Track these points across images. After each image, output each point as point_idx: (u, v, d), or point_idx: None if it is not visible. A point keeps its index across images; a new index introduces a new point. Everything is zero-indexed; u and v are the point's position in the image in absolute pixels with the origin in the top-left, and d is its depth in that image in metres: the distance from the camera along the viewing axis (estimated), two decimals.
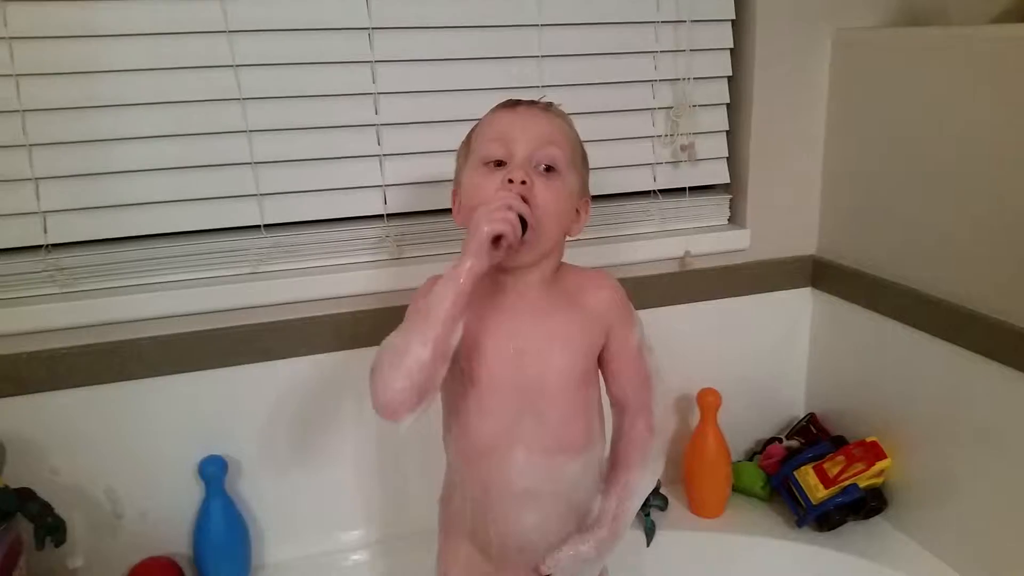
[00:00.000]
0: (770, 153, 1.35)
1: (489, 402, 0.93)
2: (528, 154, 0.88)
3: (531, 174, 0.87)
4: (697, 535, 1.32)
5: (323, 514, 1.27)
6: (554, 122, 0.92)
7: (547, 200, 0.88)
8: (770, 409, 1.47)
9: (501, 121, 0.92)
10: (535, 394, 0.92)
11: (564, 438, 0.94)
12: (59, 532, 1.06)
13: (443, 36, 1.19)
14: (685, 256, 1.34)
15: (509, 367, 0.92)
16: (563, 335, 0.94)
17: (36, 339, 1.09)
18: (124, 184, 1.11)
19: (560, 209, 0.90)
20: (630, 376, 0.99)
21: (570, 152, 0.92)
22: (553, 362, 0.93)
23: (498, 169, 0.89)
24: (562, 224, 0.92)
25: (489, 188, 0.87)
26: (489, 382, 0.93)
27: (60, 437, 1.12)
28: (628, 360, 0.98)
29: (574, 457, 0.95)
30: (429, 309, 0.84)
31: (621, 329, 0.97)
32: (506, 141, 0.89)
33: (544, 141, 0.89)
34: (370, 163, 1.20)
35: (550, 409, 0.93)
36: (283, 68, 1.13)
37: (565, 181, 0.90)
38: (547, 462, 0.93)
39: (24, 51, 1.03)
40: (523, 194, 0.86)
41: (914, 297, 1.22)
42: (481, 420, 0.94)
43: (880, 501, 1.29)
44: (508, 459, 0.93)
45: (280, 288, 1.17)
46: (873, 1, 1.33)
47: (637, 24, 1.27)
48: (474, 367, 0.93)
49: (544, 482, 0.93)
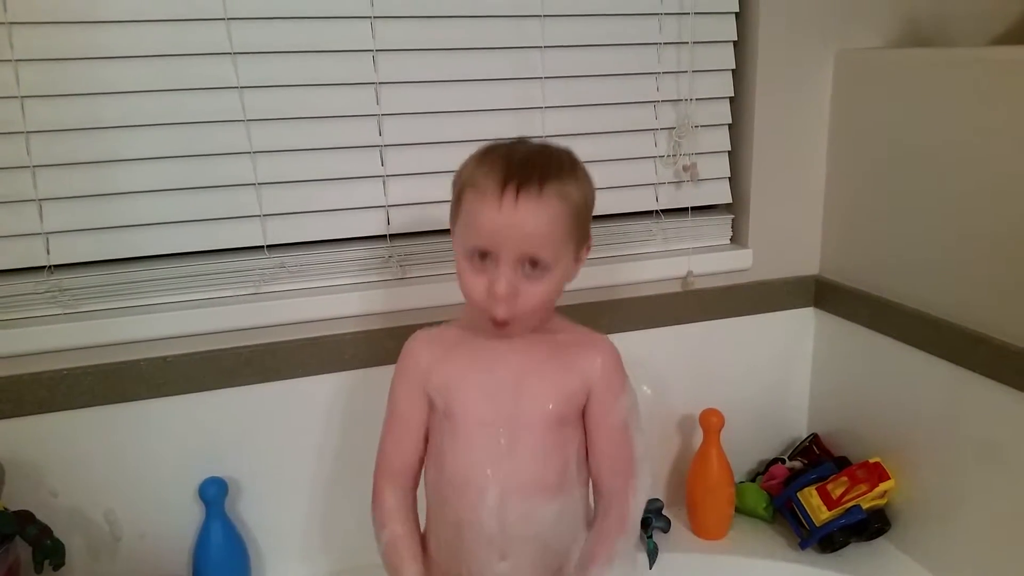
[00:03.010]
0: (772, 173, 1.35)
1: (464, 435, 0.93)
2: (512, 260, 0.86)
3: (515, 281, 0.86)
4: (700, 557, 1.32)
5: (323, 536, 1.26)
6: (542, 216, 0.85)
7: (529, 298, 0.87)
8: (773, 429, 1.47)
9: (485, 221, 0.86)
10: (510, 427, 0.93)
11: (539, 476, 0.93)
12: (58, 555, 1.05)
13: (446, 58, 1.19)
14: (687, 276, 1.34)
15: (485, 401, 0.93)
16: (541, 371, 0.94)
17: (38, 360, 1.09)
18: (127, 205, 1.11)
19: (544, 302, 0.89)
20: (608, 453, 0.96)
21: (561, 239, 0.88)
22: (529, 395, 0.93)
23: (483, 263, 0.87)
24: (549, 305, 0.92)
25: (477, 289, 0.88)
26: (464, 416, 0.94)
27: (60, 459, 1.12)
28: (608, 433, 0.95)
29: (550, 499, 0.93)
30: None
31: (604, 394, 0.95)
32: (492, 242, 0.86)
33: (530, 243, 0.85)
34: (373, 184, 1.20)
35: (525, 443, 0.92)
36: (287, 89, 1.14)
37: (553, 274, 0.88)
38: (522, 503, 0.92)
39: (29, 72, 1.04)
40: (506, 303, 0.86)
41: (917, 318, 1.22)
42: (456, 454, 0.94)
43: (883, 522, 1.28)
44: (482, 498, 0.92)
45: (283, 308, 1.17)
46: (875, 22, 1.34)
47: (640, 45, 1.28)
48: (451, 403, 0.95)
49: (519, 524, 0.92)
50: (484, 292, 0.88)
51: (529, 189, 0.85)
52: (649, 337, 1.34)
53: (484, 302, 0.88)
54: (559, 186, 0.87)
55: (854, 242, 1.35)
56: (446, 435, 0.95)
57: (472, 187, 0.88)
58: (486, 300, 0.88)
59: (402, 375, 1.00)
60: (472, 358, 0.96)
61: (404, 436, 0.99)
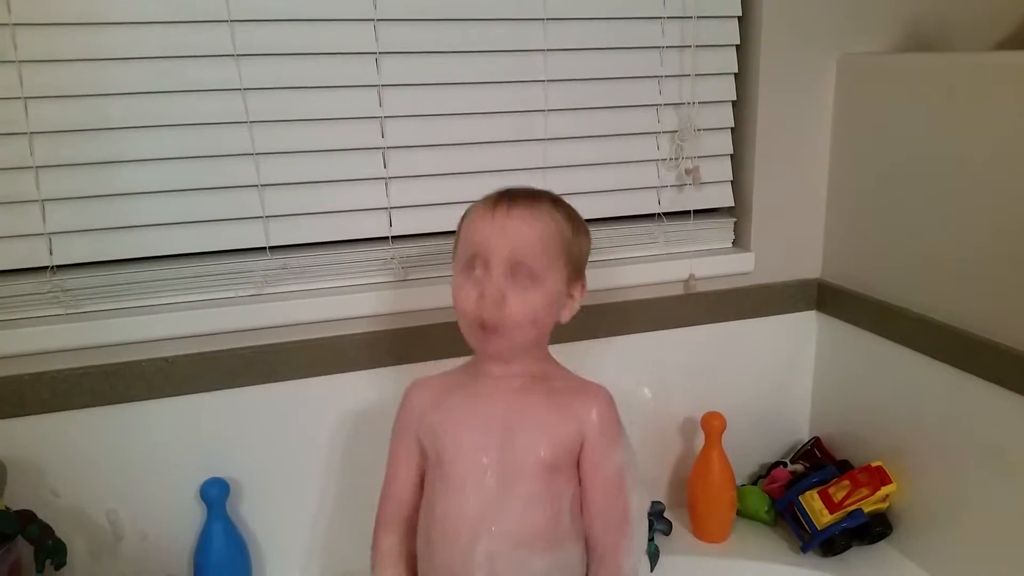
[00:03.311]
0: (774, 177, 1.35)
1: (454, 482, 0.93)
2: (502, 267, 0.89)
3: (503, 287, 0.89)
4: (701, 560, 1.31)
5: (325, 538, 1.26)
6: (532, 228, 0.90)
7: (515, 308, 0.89)
8: (775, 433, 1.47)
9: (478, 230, 0.91)
10: (500, 477, 0.91)
11: (529, 527, 0.91)
12: (59, 555, 1.05)
13: (449, 60, 1.19)
14: (689, 279, 1.34)
15: (475, 446, 0.92)
16: (535, 417, 0.93)
17: (40, 360, 1.09)
18: (130, 206, 1.11)
19: (533, 314, 0.90)
20: (601, 506, 0.93)
21: (551, 254, 0.91)
22: (522, 441, 0.92)
23: (474, 275, 0.91)
24: (538, 325, 0.92)
25: (467, 300, 0.90)
26: (455, 462, 0.93)
27: (62, 459, 1.12)
28: (601, 485, 0.93)
29: (542, 552, 0.91)
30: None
31: (598, 444, 0.93)
32: (482, 252, 0.90)
33: (518, 254, 0.89)
34: (376, 186, 1.21)
35: (516, 491, 0.91)
36: (290, 91, 1.14)
37: (542, 287, 0.90)
38: (511, 555, 0.90)
39: (33, 73, 1.04)
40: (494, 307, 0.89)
41: (919, 322, 1.22)
42: (446, 500, 0.93)
43: (885, 526, 1.28)
44: (471, 549, 0.90)
45: (285, 310, 1.17)
46: (877, 26, 1.34)
47: (642, 49, 1.28)
48: (441, 448, 0.94)
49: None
50: (474, 301, 0.89)
51: (522, 202, 0.92)
52: (651, 340, 1.34)
53: (474, 311, 0.89)
54: (552, 210, 0.94)
55: (856, 246, 1.35)
56: (437, 482, 0.95)
57: (470, 211, 0.95)
58: (476, 308, 0.89)
59: (397, 422, 1.01)
60: (465, 404, 0.96)
61: (399, 483, 1.00)
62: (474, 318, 0.90)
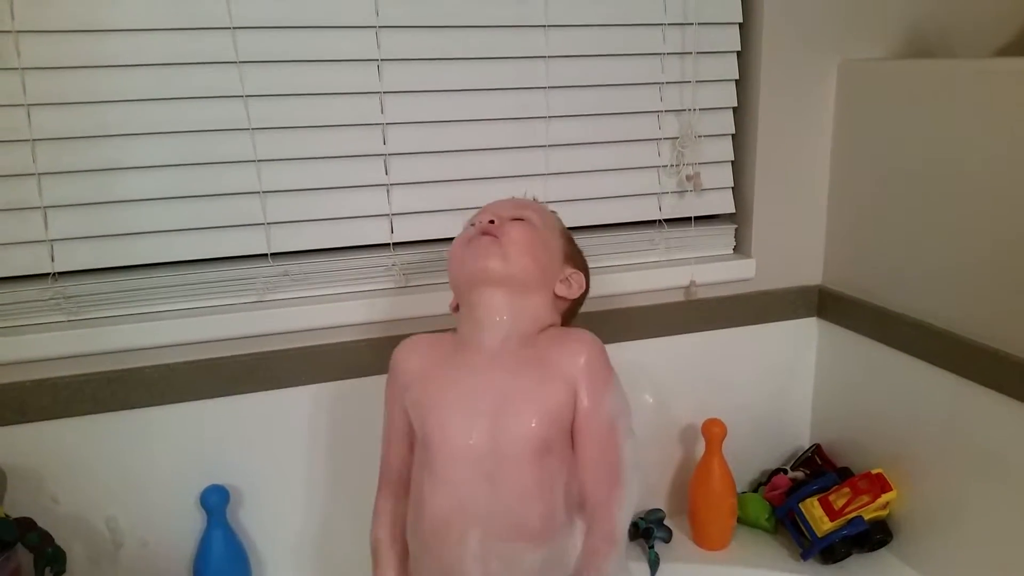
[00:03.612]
0: (775, 183, 1.36)
1: (443, 471, 0.90)
2: (500, 212, 0.97)
3: (502, 220, 0.96)
4: (702, 568, 1.31)
5: (325, 545, 1.26)
6: (535, 205, 1.02)
7: (515, 232, 0.94)
8: (775, 440, 1.47)
9: (487, 204, 1.02)
10: (490, 463, 0.88)
11: (522, 519, 0.88)
12: (59, 562, 1.05)
13: (451, 67, 1.19)
14: (690, 285, 1.34)
15: (463, 431, 0.89)
16: (523, 395, 0.89)
17: (41, 367, 1.09)
18: (132, 213, 1.11)
19: (530, 241, 0.95)
20: (592, 458, 0.91)
21: (547, 220, 1.00)
22: (509, 426, 0.88)
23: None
24: (538, 262, 0.95)
25: (461, 236, 0.97)
26: (442, 447, 0.90)
27: (61, 466, 1.12)
28: (592, 436, 0.90)
29: (534, 547, 0.89)
30: None
31: (588, 392, 0.90)
32: (485, 210, 0.99)
33: (518, 206, 0.99)
34: (377, 192, 1.21)
35: (505, 481, 0.88)
36: (292, 98, 1.14)
37: (536, 226, 0.97)
38: (504, 549, 0.88)
39: (35, 80, 1.04)
40: (491, 231, 0.94)
41: (920, 328, 1.22)
42: (435, 492, 0.90)
43: (885, 534, 1.28)
44: (464, 543, 0.88)
45: (286, 316, 1.17)
46: (878, 33, 1.34)
47: (643, 55, 1.28)
48: (428, 430, 0.91)
49: (501, 572, 0.89)
50: (469, 233, 0.96)
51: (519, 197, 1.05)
52: (651, 347, 1.34)
53: (468, 233, 0.96)
54: (549, 211, 1.04)
55: (857, 252, 1.35)
56: (425, 472, 0.92)
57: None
58: (470, 232, 0.96)
59: (387, 389, 1.02)
60: (450, 379, 0.93)
61: (392, 444, 1.01)
62: (466, 242, 0.95)
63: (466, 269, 0.94)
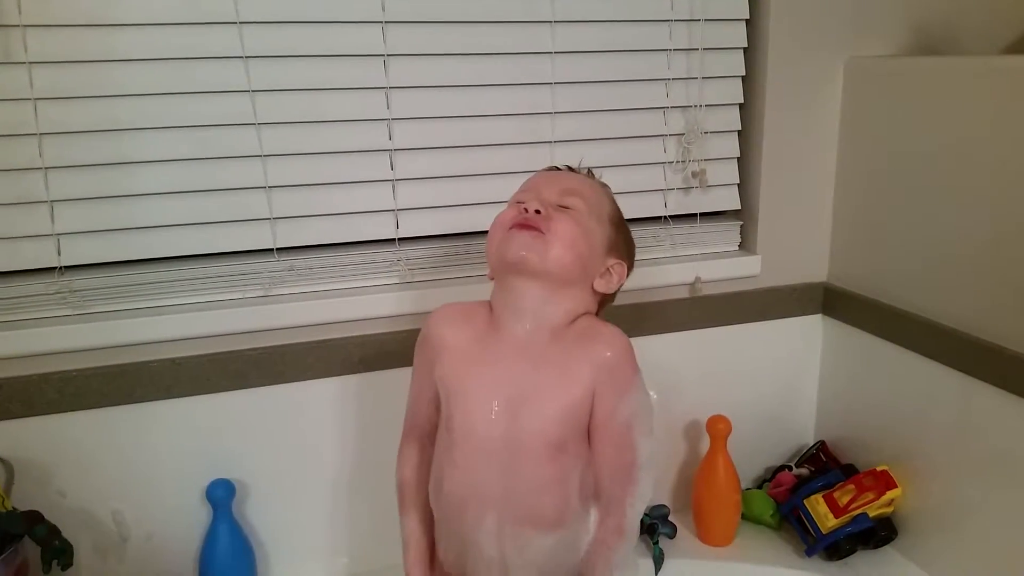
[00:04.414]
0: (781, 180, 1.35)
1: (462, 455, 0.92)
2: (549, 196, 0.93)
3: (548, 207, 0.91)
4: (706, 564, 1.31)
5: (330, 539, 1.27)
6: (585, 181, 0.98)
7: (559, 226, 0.90)
8: (780, 436, 1.47)
9: (536, 177, 0.99)
10: (508, 454, 0.90)
11: (535, 509, 0.91)
12: (66, 555, 1.05)
13: (457, 63, 1.19)
14: (696, 282, 1.34)
15: (485, 420, 0.91)
16: (543, 391, 0.90)
17: (47, 361, 1.09)
18: (138, 207, 1.12)
19: (574, 238, 0.91)
20: (609, 457, 0.92)
21: (595, 206, 0.95)
22: (528, 421, 0.90)
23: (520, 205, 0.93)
24: (580, 258, 0.92)
25: (507, 214, 0.93)
26: (464, 433, 0.92)
27: (68, 459, 1.12)
28: (610, 436, 0.91)
29: (546, 533, 0.91)
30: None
31: (608, 395, 0.90)
32: (533, 188, 0.95)
33: (567, 190, 0.94)
34: (383, 188, 1.21)
35: (521, 473, 0.90)
36: (298, 93, 1.14)
37: (583, 219, 0.93)
38: (517, 532, 0.91)
39: (42, 75, 1.04)
40: (535, 223, 0.90)
41: (926, 326, 1.22)
42: (454, 473, 0.93)
43: (890, 531, 1.28)
44: (480, 522, 0.91)
45: (291, 311, 1.17)
46: (885, 30, 1.34)
47: (650, 52, 1.28)
48: (453, 414, 0.93)
49: (514, 553, 0.92)
50: (513, 215, 0.92)
51: (578, 170, 1.02)
52: (656, 343, 1.34)
53: (512, 220, 0.91)
54: (605, 186, 1.01)
55: (863, 250, 1.34)
56: (445, 454, 0.94)
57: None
58: (515, 219, 0.90)
59: (420, 347, 1.00)
60: (480, 359, 0.93)
61: (419, 403, 1.01)
62: (512, 224, 0.91)
63: (504, 256, 0.91)
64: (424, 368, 0.99)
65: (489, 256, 0.95)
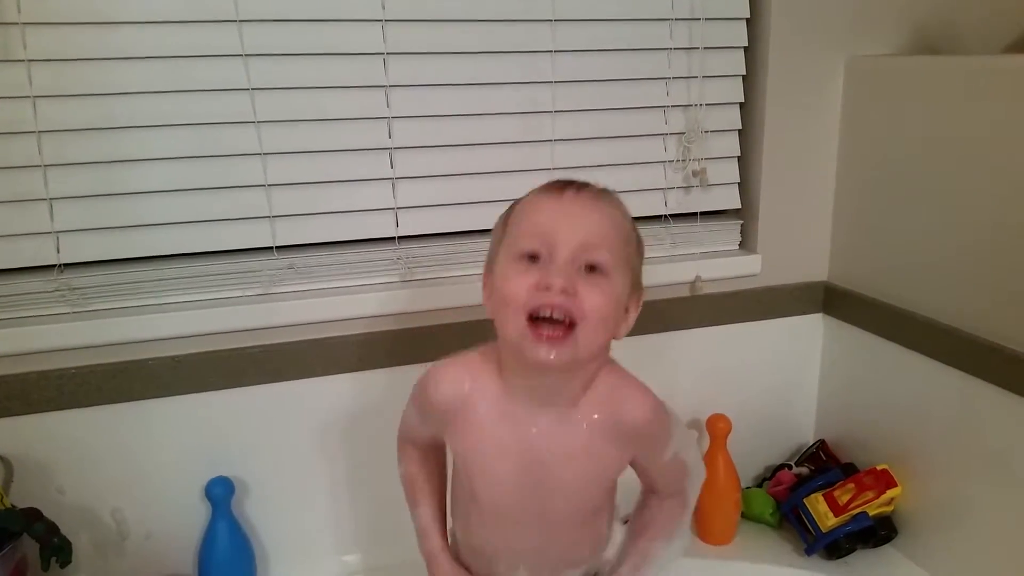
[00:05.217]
0: (782, 179, 1.35)
1: (491, 522, 0.90)
2: (571, 256, 0.77)
3: (574, 278, 0.76)
4: (706, 562, 1.31)
5: (329, 537, 1.27)
6: (605, 214, 0.80)
7: (595, 304, 0.76)
8: (780, 435, 1.47)
9: (543, 211, 0.80)
10: (541, 522, 0.87)
11: (571, 556, 0.92)
12: (65, 553, 1.05)
13: (457, 61, 1.19)
14: (696, 281, 1.34)
15: (511, 498, 0.86)
16: (573, 473, 0.85)
17: (46, 358, 1.09)
18: (138, 205, 1.11)
19: (605, 316, 0.78)
20: (664, 478, 0.93)
21: (622, 251, 0.80)
22: (559, 500, 0.86)
23: (533, 265, 0.77)
24: (608, 331, 0.80)
25: (521, 286, 0.77)
26: (491, 504, 0.88)
27: (67, 457, 1.12)
28: (660, 470, 0.91)
29: (580, 567, 0.94)
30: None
31: (650, 452, 0.88)
32: (546, 237, 0.77)
33: (591, 242, 0.77)
34: (383, 186, 1.21)
35: (557, 536, 0.89)
36: (298, 92, 1.14)
37: (613, 283, 0.79)
38: (552, 572, 0.93)
39: (41, 72, 1.04)
40: (564, 305, 0.75)
41: (926, 325, 1.22)
42: (483, 527, 0.91)
43: (890, 530, 1.28)
44: (512, 571, 0.92)
45: (291, 309, 1.17)
46: (886, 29, 1.33)
47: (650, 50, 1.28)
48: (474, 490, 0.88)
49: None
50: (532, 288, 0.76)
51: (590, 188, 0.82)
52: (657, 342, 1.34)
53: (531, 301, 0.76)
54: (619, 202, 0.83)
55: (863, 248, 1.34)
56: (473, 515, 0.91)
57: (525, 202, 0.83)
58: (534, 297, 0.76)
59: (420, 406, 0.91)
60: (497, 438, 0.85)
61: (415, 431, 0.96)
62: (530, 310, 0.76)
63: (523, 354, 0.77)
64: (426, 420, 0.92)
65: (499, 328, 0.81)
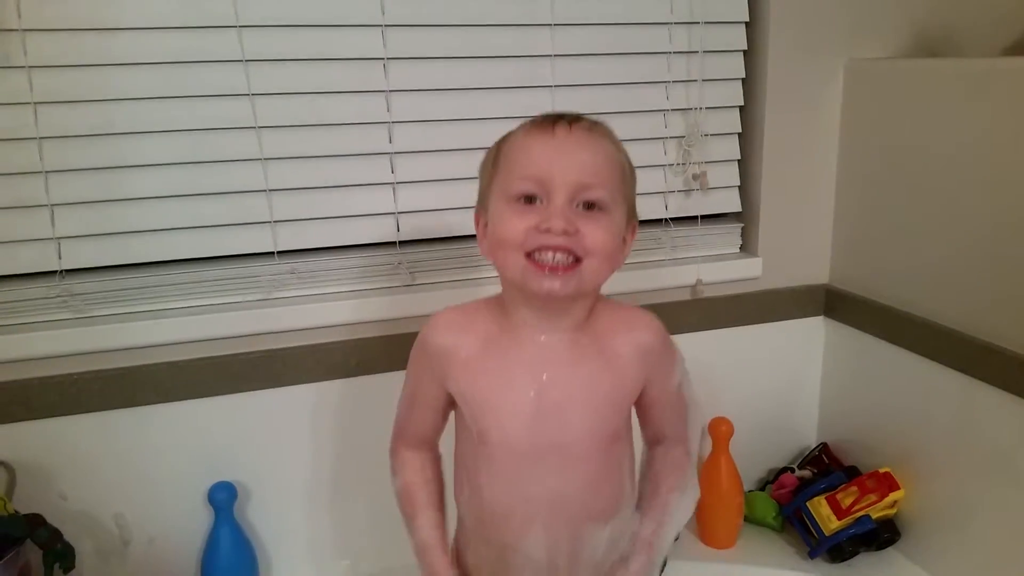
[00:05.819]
0: (782, 182, 1.35)
1: (503, 467, 0.86)
2: (569, 196, 0.77)
3: (573, 218, 0.77)
4: (709, 566, 1.31)
5: (331, 541, 1.26)
6: (599, 150, 0.80)
7: (597, 240, 0.78)
8: (782, 438, 1.47)
9: (536, 150, 0.79)
10: (556, 458, 0.84)
11: (591, 505, 0.87)
12: (68, 559, 1.06)
13: (457, 66, 1.19)
14: (697, 284, 1.34)
15: (525, 428, 0.83)
16: (590, 390, 0.84)
17: (48, 364, 1.09)
18: (139, 210, 1.12)
19: (608, 250, 0.79)
20: (669, 416, 0.93)
21: (619, 183, 0.81)
22: (577, 422, 0.84)
23: (530, 206, 0.78)
24: (611, 263, 0.81)
25: (519, 228, 0.77)
26: (502, 444, 0.85)
27: (70, 463, 1.12)
28: (667, 403, 0.92)
29: (603, 524, 0.88)
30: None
31: (660, 376, 0.89)
32: (542, 178, 0.77)
33: (587, 181, 0.78)
34: (383, 190, 1.21)
35: (574, 475, 0.85)
36: (298, 97, 1.14)
37: (612, 218, 0.79)
38: (571, 532, 0.87)
39: (42, 79, 1.04)
40: (567, 245, 0.77)
41: (927, 327, 1.22)
42: (494, 486, 0.87)
43: (893, 532, 1.28)
44: (526, 532, 0.86)
45: (292, 315, 1.17)
46: (885, 32, 1.34)
47: (650, 54, 1.28)
48: (484, 427, 0.85)
49: (567, 555, 0.87)
50: (531, 230, 0.76)
51: (583, 122, 0.81)
52: None
53: (530, 241, 0.76)
54: (610, 133, 0.83)
55: (864, 251, 1.34)
56: (481, 463, 0.87)
57: (516, 138, 0.82)
58: (534, 238, 0.76)
59: (419, 361, 0.91)
60: (503, 370, 0.84)
61: (420, 413, 0.93)
62: (530, 249, 0.77)
63: (528, 288, 0.79)
64: (426, 377, 0.91)
65: (499, 268, 0.82)
